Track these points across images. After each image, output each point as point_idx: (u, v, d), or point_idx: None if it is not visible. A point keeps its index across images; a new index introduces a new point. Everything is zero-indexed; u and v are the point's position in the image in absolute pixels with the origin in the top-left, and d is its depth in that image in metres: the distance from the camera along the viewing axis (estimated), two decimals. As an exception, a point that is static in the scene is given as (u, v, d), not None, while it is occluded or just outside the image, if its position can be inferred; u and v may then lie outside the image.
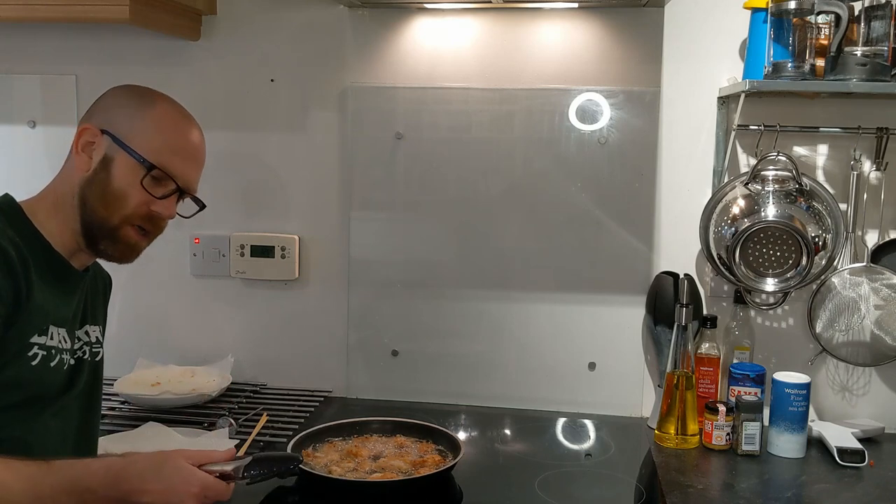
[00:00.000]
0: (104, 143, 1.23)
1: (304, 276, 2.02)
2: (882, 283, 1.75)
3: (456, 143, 1.93)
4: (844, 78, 1.60)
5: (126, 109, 1.26)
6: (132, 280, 2.05)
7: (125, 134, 1.23)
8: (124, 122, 1.24)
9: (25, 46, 2.04)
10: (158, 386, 1.88)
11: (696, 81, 1.84)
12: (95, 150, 1.23)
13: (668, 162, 1.87)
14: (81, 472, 1.10)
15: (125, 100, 1.27)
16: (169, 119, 1.27)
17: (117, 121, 1.24)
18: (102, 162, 1.23)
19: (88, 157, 1.23)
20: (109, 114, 1.25)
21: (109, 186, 1.23)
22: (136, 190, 1.23)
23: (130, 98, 1.28)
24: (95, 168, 1.23)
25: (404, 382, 1.99)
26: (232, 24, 1.97)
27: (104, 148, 1.23)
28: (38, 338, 1.19)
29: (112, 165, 1.23)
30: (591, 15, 1.86)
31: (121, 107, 1.26)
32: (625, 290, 1.90)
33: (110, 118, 1.25)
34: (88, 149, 1.23)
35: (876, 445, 1.74)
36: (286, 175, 2.00)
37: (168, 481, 1.12)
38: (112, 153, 1.23)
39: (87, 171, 1.23)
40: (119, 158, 1.23)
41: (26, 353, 1.17)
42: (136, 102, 1.27)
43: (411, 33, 1.92)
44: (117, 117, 1.25)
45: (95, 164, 1.23)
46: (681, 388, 1.70)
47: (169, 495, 1.12)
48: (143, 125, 1.24)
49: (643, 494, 1.54)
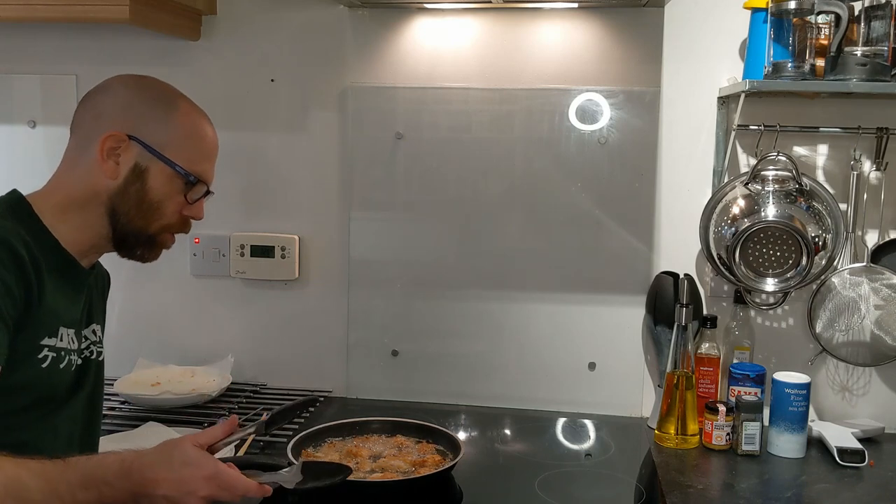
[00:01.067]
0: (133, 151, 1.20)
1: (304, 276, 2.02)
2: (882, 283, 1.75)
3: (456, 143, 1.93)
4: (844, 78, 1.60)
5: (151, 113, 1.22)
6: (132, 280, 2.05)
7: (157, 142, 1.21)
8: (153, 130, 1.21)
9: (25, 46, 2.04)
10: (158, 386, 1.88)
11: (696, 81, 1.84)
12: (122, 156, 1.20)
13: (668, 162, 1.87)
14: (97, 466, 1.09)
15: (147, 103, 1.24)
16: (194, 123, 1.25)
17: (144, 127, 1.21)
18: (134, 171, 1.20)
19: (115, 163, 1.19)
20: (132, 117, 1.21)
21: (146, 197, 1.21)
22: (173, 200, 1.23)
23: (151, 100, 1.24)
24: (127, 178, 1.20)
25: (404, 382, 1.99)
26: (232, 24, 1.97)
27: (134, 156, 1.20)
28: (49, 339, 1.17)
29: (147, 176, 1.20)
30: (591, 15, 1.86)
31: (144, 110, 1.22)
32: (625, 290, 1.90)
33: (135, 123, 1.21)
34: (113, 154, 1.19)
35: (876, 445, 1.74)
36: (286, 175, 2.00)
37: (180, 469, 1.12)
38: (144, 162, 1.20)
39: (115, 178, 1.20)
40: (154, 168, 1.21)
41: (36, 355, 1.15)
42: (159, 105, 1.24)
43: (411, 33, 1.92)
44: (143, 122, 1.21)
45: (126, 172, 1.20)
46: (681, 388, 1.70)
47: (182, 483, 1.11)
48: (173, 133, 1.22)
49: (643, 494, 1.54)
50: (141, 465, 1.10)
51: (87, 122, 1.23)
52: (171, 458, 1.12)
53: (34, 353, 1.15)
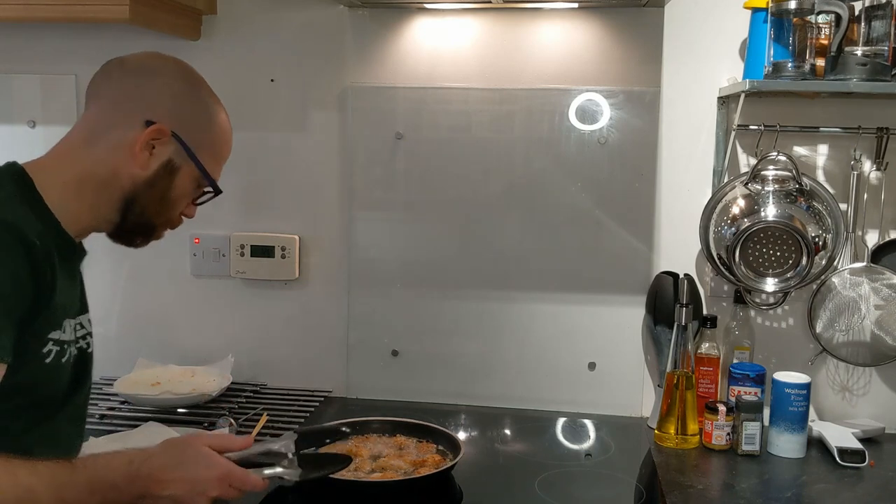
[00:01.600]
0: (171, 147, 1.17)
1: (304, 276, 2.02)
2: (882, 283, 1.75)
3: (456, 143, 1.92)
4: (844, 78, 1.60)
5: (198, 114, 1.21)
6: (132, 280, 2.05)
7: (195, 143, 1.19)
8: (195, 130, 1.19)
9: (25, 46, 2.04)
10: (158, 386, 1.88)
11: (696, 81, 1.84)
12: (157, 149, 1.16)
13: (668, 162, 1.87)
14: (104, 469, 1.07)
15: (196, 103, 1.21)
16: (226, 130, 1.26)
17: (188, 126, 1.19)
18: (166, 167, 1.18)
19: (149, 154, 1.16)
20: (180, 113, 1.18)
21: (168, 194, 1.20)
22: (187, 199, 1.24)
23: (200, 101, 1.22)
24: (157, 172, 1.17)
25: (404, 382, 1.99)
26: (232, 24, 1.97)
27: (169, 152, 1.17)
28: (54, 332, 1.13)
29: (177, 175, 1.19)
30: (591, 15, 1.86)
31: (192, 109, 1.20)
32: (625, 290, 1.90)
33: (181, 120, 1.18)
34: (148, 146, 1.16)
35: (876, 445, 1.74)
36: (286, 175, 2.00)
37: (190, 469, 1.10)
38: (179, 161, 1.18)
39: (145, 169, 1.16)
40: (186, 169, 1.19)
41: (41, 349, 1.11)
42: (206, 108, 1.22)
43: (411, 33, 1.92)
44: (188, 121, 1.19)
45: (156, 166, 1.17)
46: (681, 388, 1.70)
47: (192, 484, 1.10)
48: (210, 138, 1.22)
49: (643, 494, 1.54)
50: (150, 466, 1.08)
51: (122, 99, 1.17)
52: (184, 458, 1.11)
53: (39, 348, 1.11)
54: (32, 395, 1.13)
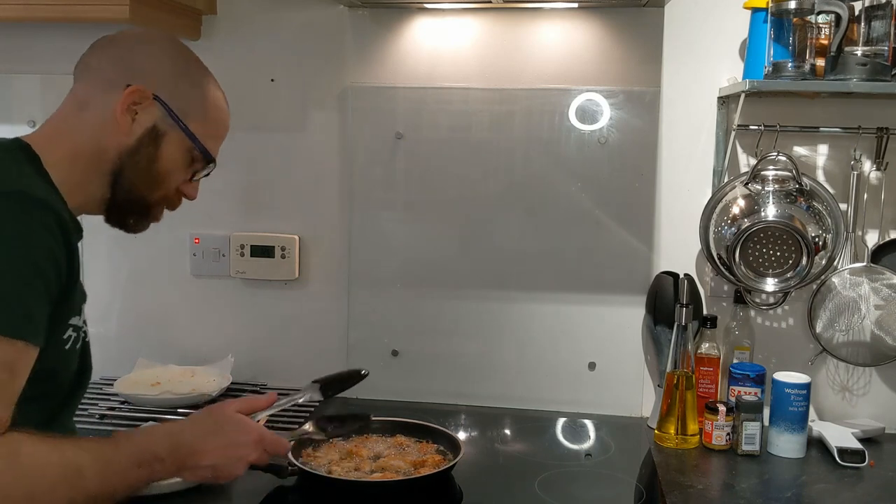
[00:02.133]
0: (154, 112, 1.12)
1: (304, 276, 2.02)
2: (882, 283, 1.75)
3: (456, 143, 1.93)
4: (844, 78, 1.60)
5: (183, 78, 1.16)
6: (132, 280, 2.05)
7: (181, 109, 1.14)
8: (181, 95, 1.14)
9: (25, 46, 2.04)
10: (158, 386, 1.88)
11: (696, 81, 1.84)
12: (140, 115, 1.12)
13: (668, 162, 1.87)
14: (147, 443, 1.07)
15: (181, 67, 1.17)
16: (218, 99, 1.20)
17: (173, 90, 1.14)
18: (151, 133, 1.13)
19: (131, 119, 1.11)
20: (163, 77, 1.14)
21: (156, 164, 1.14)
22: (180, 172, 1.17)
23: (186, 65, 1.18)
24: (141, 139, 1.12)
25: (404, 382, 1.99)
26: (232, 24, 1.97)
27: (153, 117, 1.13)
28: (74, 318, 1.10)
29: (163, 141, 1.13)
30: (591, 15, 1.86)
31: (177, 72, 1.16)
32: (625, 290, 1.90)
33: (165, 83, 1.14)
34: (131, 111, 1.12)
35: (876, 445, 1.74)
36: (286, 175, 2.00)
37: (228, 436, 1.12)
38: (164, 127, 1.13)
39: (128, 136, 1.12)
40: (173, 136, 1.14)
41: (62, 335, 1.07)
42: (193, 72, 1.18)
43: (411, 33, 1.92)
44: (173, 85, 1.14)
45: (140, 133, 1.12)
46: (681, 388, 1.70)
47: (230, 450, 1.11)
48: (199, 104, 1.16)
49: (643, 494, 1.54)
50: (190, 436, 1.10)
51: (106, 67, 1.15)
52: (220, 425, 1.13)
53: (61, 334, 1.07)
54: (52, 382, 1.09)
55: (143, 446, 1.06)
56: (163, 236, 1.96)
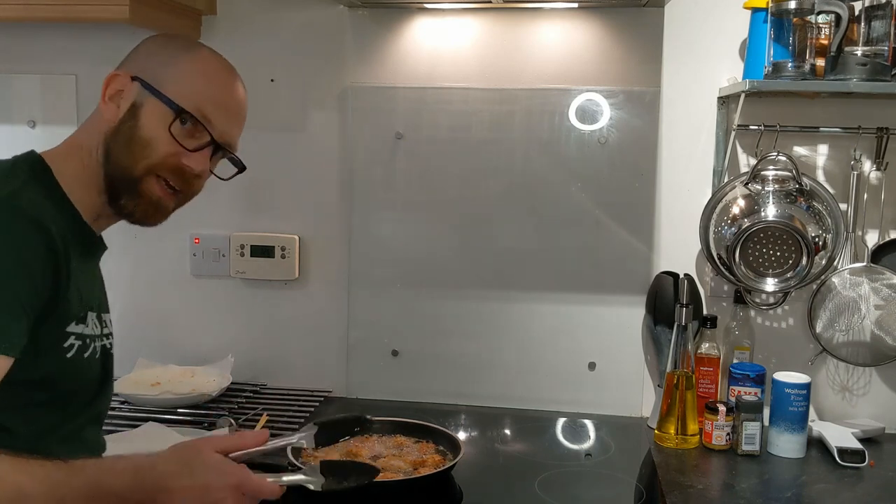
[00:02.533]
0: (134, 90, 1.13)
1: (304, 276, 2.02)
2: (882, 283, 1.75)
3: (456, 143, 1.93)
4: (844, 78, 1.60)
5: (162, 56, 1.16)
6: (132, 280, 2.05)
7: (158, 79, 1.13)
8: (158, 68, 1.14)
9: (25, 46, 2.04)
10: (158, 386, 1.88)
11: (696, 81, 1.84)
12: (124, 98, 1.13)
13: (668, 162, 1.87)
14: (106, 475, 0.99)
15: (162, 47, 1.18)
16: (210, 67, 1.18)
17: (151, 67, 1.14)
18: (131, 109, 1.13)
19: (116, 105, 1.13)
20: (143, 61, 1.16)
21: (136, 134, 1.12)
22: (164, 138, 1.12)
23: (168, 45, 1.18)
24: (123, 117, 1.13)
25: (404, 382, 1.99)
26: (232, 24, 1.97)
27: (133, 95, 1.13)
28: (76, 326, 1.08)
29: (140, 112, 1.12)
30: (591, 15, 1.86)
31: (157, 54, 1.16)
32: (625, 290, 1.90)
33: (144, 65, 1.15)
34: (117, 97, 1.13)
35: (876, 445, 1.74)
36: (286, 175, 2.00)
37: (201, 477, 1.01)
38: (141, 100, 1.13)
39: (114, 120, 1.13)
40: (148, 104, 1.12)
41: (62, 343, 1.06)
42: (175, 49, 1.18)
43: (411, 33, 1.92)
44: (151, 63, 1.15)
45: (123, 112, 1.13)
46: (681, 388, 1.70)
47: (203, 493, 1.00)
48: (178, 70, 1.14)
49: (643, 494, 1.54)
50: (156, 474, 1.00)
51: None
52: (192, 466, 1.01)
53: (60, 342, 1.06)
54: (54, 392, 1.08)
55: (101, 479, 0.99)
56: (163, 236, 1.96)
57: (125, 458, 1.03)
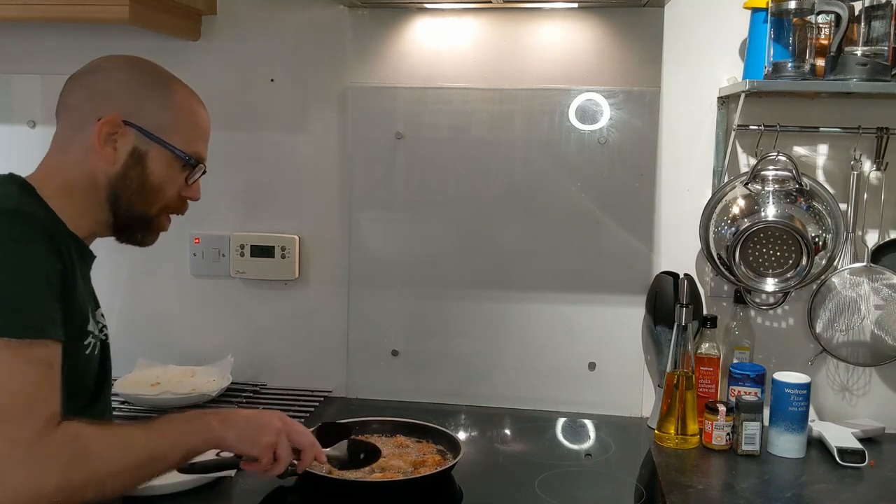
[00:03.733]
0: (130, 136, 1.18)
1: (304, 276, 2.02)
2: (882, 283, 1.75)
3: (456, 143, 1.93)
4: (844, 78, 1.60)
5: (148, 96, 1.20)
6: (132, 280, 2.05)
7: (155, 126, 1.19)
8: (150, 113, 1.19)
9: (25, 46, 2.04)
10: (158, 386, 1.88)
11: (696, 81, 1.84)
12: (119, 142, 1.17)
13: (668, 162, 1.87)
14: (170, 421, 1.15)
15: (143, 86, 1.21)
16: (189, 104, 1.25)
17: (141, 110, 1.19)
18: (133, 156, 1.18)
19: (112, 149, 1.17)
20: (128, 101, 1.19)
21: (147, 181, 1.20)
22: (173, 182, 1.23)
23: (147, 83, 1.22)
24: (126, 163, 1.18)
25: (404, 382, 1.99)
26: (232, 24, 1.97)
27: (131, 141, 1.18)
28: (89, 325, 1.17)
29: (147, 160, 1.19)
30: (591, 15, 1.86)
31: (140, 93, 1.20)
32: (625, 290, 1.90)
33: (131, 107, 1.19)
34: (111, 140, 1.17)
35: (876, 445, 1.74)
36: (286, 175, 2.00)
37: (253, 413, 1.27)
38: (143, 147, 1.19)
39: (113, 165, 1.18)
40: (153, 152, 1.19)
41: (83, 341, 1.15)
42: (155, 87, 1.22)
43: (411, 33, 1.92)
44: (139, 106, 1.19)
45: (124, 157, 1.18)
46: (681, 388, 1.70)
47: (257, 415, 1.26)
48: (170, 115, 1.21)
49: (643, 494, 1.54)
50: (212, 410, 1.26)
51: (78, 104, 1.20)
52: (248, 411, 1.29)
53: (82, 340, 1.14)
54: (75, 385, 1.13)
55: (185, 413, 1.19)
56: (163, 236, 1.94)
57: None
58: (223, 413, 1.23)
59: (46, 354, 1.02)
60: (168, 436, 1.12)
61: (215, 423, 1.18)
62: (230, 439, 1.19)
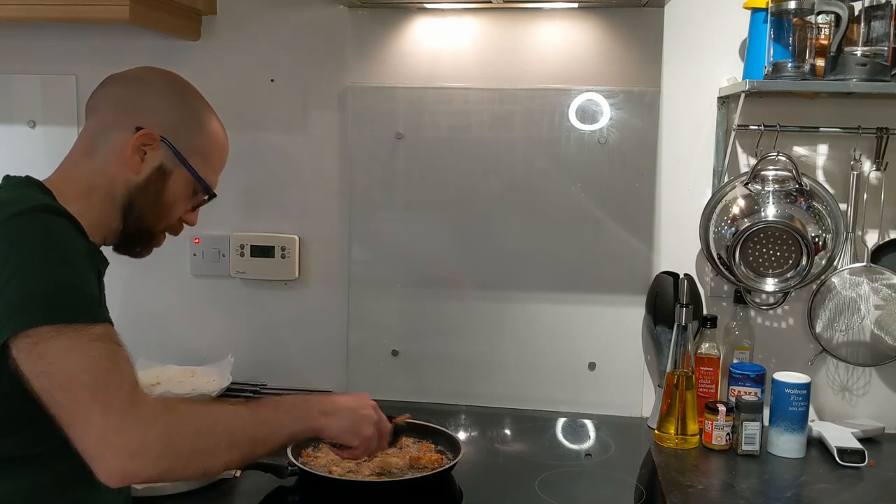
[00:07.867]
0: (161, 152, 1.21)
1: (304, 276, 2.02)
2: (882, 283, 1.75)
3: (456, 143, 1.93)
4: (844, 78, 1.60)
5: (188, 121, 1.24)
6: (132, 280, 2.05)
7: (185, 148, 1.22)
8: (185, 136, 1.23)
9: (25, 46, 2.04)
10: (158, 386, 1.88)
11: (696, 81, 1.84)
12: (149, 155, 1.20)
13: (668, 162, 1.87)
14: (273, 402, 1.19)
15: (186, 110, 1.25)
16: (219, 136, 1.29)
17: (179, 131, 1.22)
18: (159, 171, 1.21)
19: (140, 159, 1.19)
20: (170, 120, 1.22)
21: (162, 198, 1.23)
22: (184, 204, 1.26)
23: (190, 108, 1.25)
24: (150, 176, 1.20)
25: (404, 382, 1.99)
26: (232, 24, 1.97)
27: (160, 157, 1.21)
28: None
29: (169, 178, 1.22)
30: (591, 15, 1.86)
31: (183, 115, 1.24)
32: (625, 290, 1.90)
33: (171, 126, 1.22)
34: (140, 151, 1.19)
35: (876, 445, 1.74)
36: (286, 175, 2.00)
37: (352, 402, 1.29)
38: (170, 165, 1.22)
39: (137, 174, 1.20)
40: (178, 173, 1.23)
41: None
42: (196, 114, 1.26)
43: (411, 33, 1.92)
44: (179, 127, 1.22)
45: (149, 170, 1.20)
46: (681, 388, 1.70)
47: (358, 398, 1.31)
48: (202, 144, 1.25)
49: (643, 494, 1.54)
50: (315, 397, 1.26)
51: (118, 109, 1.22)
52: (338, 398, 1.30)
53: None
54: None
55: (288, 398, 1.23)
56: (163, 236, 1.96)
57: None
58: (325, 402, 1.25)
59: (106, 333, 1.02)
60: (271, 420, 1.14)
61: (317, 413, 1.21)
62: (332, 430, 1.23)
